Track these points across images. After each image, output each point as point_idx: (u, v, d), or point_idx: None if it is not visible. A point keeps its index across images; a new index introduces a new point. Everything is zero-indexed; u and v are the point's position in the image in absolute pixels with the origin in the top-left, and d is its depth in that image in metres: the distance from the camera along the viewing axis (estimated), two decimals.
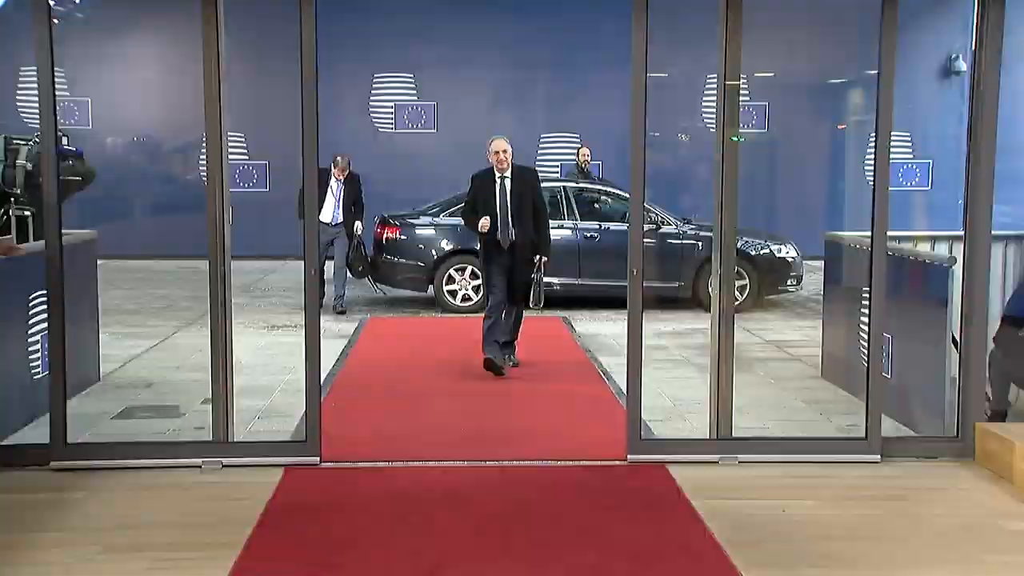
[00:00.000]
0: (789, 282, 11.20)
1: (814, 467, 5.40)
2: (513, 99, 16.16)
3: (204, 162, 5.54)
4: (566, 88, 16.14)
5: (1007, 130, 7.24)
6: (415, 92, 16.38)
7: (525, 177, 7.84)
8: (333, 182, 10.92)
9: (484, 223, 7.64)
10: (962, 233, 5.72)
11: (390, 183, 15.22)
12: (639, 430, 5.50)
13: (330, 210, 10.92)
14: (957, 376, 5.69)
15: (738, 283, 10.49)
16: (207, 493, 5.03)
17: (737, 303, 10.22)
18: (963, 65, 5.58)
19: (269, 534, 4.47)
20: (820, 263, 8.23)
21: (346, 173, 11.04)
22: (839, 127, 15.48)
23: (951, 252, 6.01)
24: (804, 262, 11.24)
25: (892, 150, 5.67)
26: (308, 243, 5.46)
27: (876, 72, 5.55)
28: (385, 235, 11.50)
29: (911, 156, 15.15)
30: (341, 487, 5.15)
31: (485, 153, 7.78)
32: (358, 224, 11.06)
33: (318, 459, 5.40)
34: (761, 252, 11.07)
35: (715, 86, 5.73)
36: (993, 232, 5.68)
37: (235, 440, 5.56)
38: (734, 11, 5.50)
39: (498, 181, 7.70)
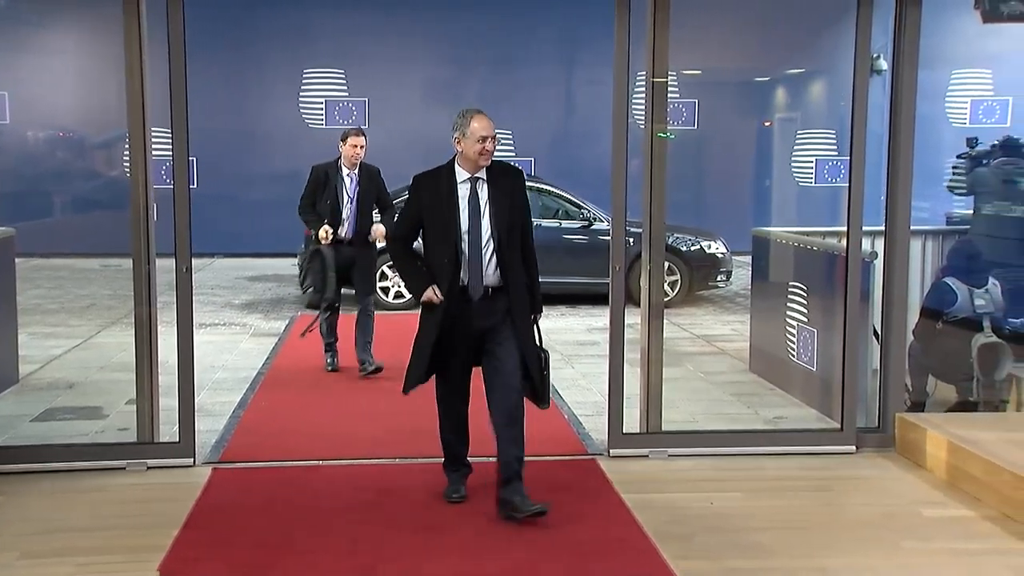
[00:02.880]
0: (718, 277, 11.36)
1: (743, 459, 5.49)
2: (447, 96, 16.09)
3: (128, 158, 5.41)
4: (500, 86, 16.13)
5: (927, 128, 7.43)
6: (346, 88, 16.22)
7: (510, 179, 4.62)
8: (344, 177, 7.36)
9: (430, 295, 4.54)
10: (883, 228, 5.86)
11: None
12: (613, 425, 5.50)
13: (346, 220, 7.32)
14: (879, 368, 5.84)
15: (669, 279, 10.64)
16: (131, 495, 4.93)
17: (668, 299, 10.44)
18: (884, 64, 5.71)
19: (196, 536, 4.40)
20: (748, 258, 8.36)
21: (358, 164, 7.37)
22: (765, 124, 15.73)
23: (873, 247, 6.14)
24: (733, 257, 11.41)
25: (819, 147, 5.79)
26: (179, 240, 5.33)
27: (801, 71, 5.64)
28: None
29: (837, 153, 15.50)
30: (270, 486, 5.08)
31: (454, 140, 4.55)
32: (377, 228, 7.41)
33: (192, 461, 5.32)
34: (691, 248, 11.21)
35: (643, 83, 5.77)
36: (912, 227, 5.84)
37: (160, 441, 5.46)
38: (661, 9, 5.55)
39: (465, 189, 4.53)
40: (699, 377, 7.73)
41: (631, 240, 5.65)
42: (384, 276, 11.20)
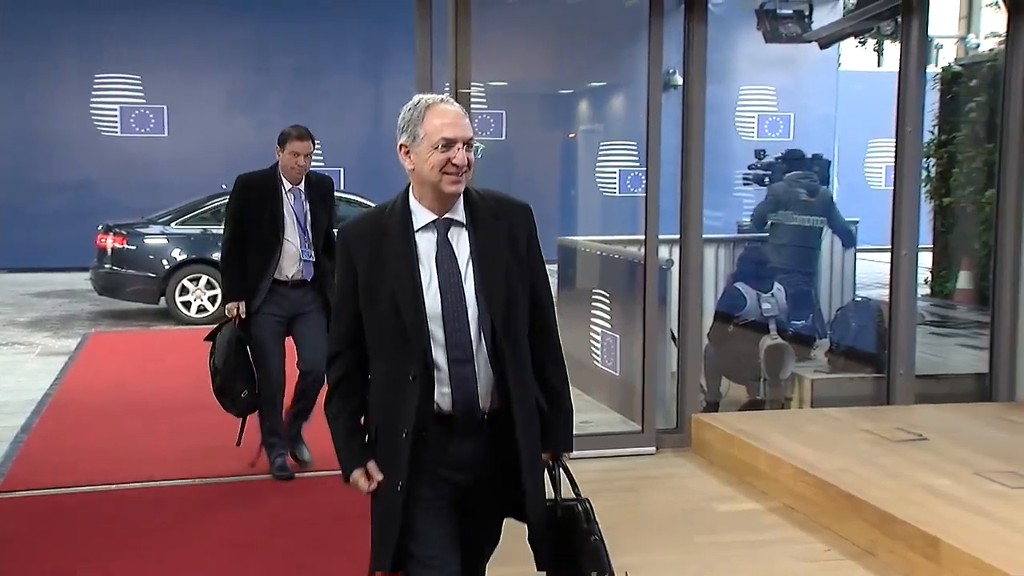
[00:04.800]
0: None
1: None
2: (250, 104, 15.68)
3: None
4: (306, 94, 15.84)
5: (718, 141, 7.83)
6: (142, 94, 15.52)
7: (508, 219, 2.64)
8: (285, 195, 5.16)
9: (360, 482, 2.63)
10: (678, 236, 6.11)
11: (116, 189, 14.37)
12: None
13: (293, 255, 5.16)
14: (676, 371, 6.08)
15: None
16: None
17: None
18: (679, 79, 5.99)
19: None
20: (554, 267, 8.54)
21: (304, 176, 5.21)
22: (569, 136, 16.15)
23: (670, 254, 6.40)
24: None
25: (621, 158, 5.99)
26: None
27: (603, 84, 5.82)
28: (110, 245, 10.82)
29: (638, 164, 16.09)
30: (54, 515, 4.77)
31: (400, 152, 2.58)
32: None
33: None
34: None
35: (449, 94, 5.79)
36: (705, 235, 6.12)
37: None
38: (463, 20, 5.59)
39: (428, 242, 2.56)
40: None
41: None
42: (185, 290, 10.79)
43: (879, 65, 9.94)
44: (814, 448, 5.21)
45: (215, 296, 10.80)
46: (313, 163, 5.30)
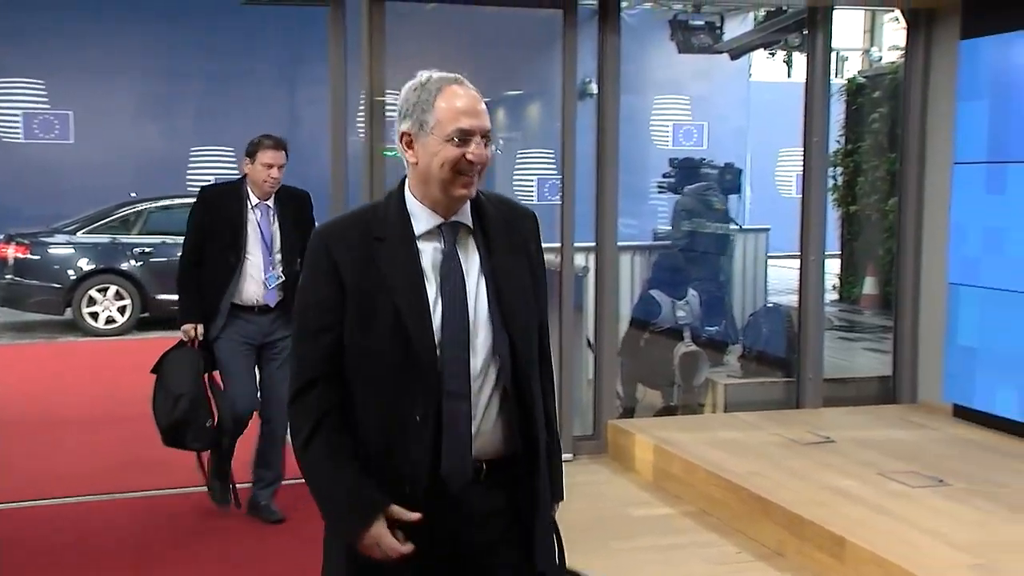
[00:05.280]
0: None
1: None
2: (159, 110, 15.34)
3: None
4: (219, 100, 15.57)
5: (634, 150, 7.93)
6: (46, 99, 15.07)
7: (518, 227, 2.20)
8: (252, 211, 4.64)
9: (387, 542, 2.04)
10: (594, 244, 6.17)
11: (19, 198, 13.89)
12: None
13: (256, 277, 4.61)
14: (592, 377, 6.12)
15: None
16: None
17: None
18: (595, 88, 6.07)
19: None
20: None
21: (276, 188, 4.67)
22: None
23: (587, 262, 6.45)
24: None
25: (539, 166, 6.03)
26: None
27: (520, 93, 5.84)
28: (12, 255, 10.49)
29: (556, 172, 16.19)
30: None
31: (401, 143, 2.12)
32: None
33: None
34: None
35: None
36: (621, 243, 6.19)
37: None
38: (376, 27, 5.56)
39: (433, 253, 2.10)
40: None
41: None
42: (92, 301, 10.51)
43: (789, 76, 10.17)
44: (726, 452, 5.30)
45: (124, 307, 10.56)
46: (225, 170, 5.19)
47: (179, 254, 4.77)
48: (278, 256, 4.62)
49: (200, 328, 4.58)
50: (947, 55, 6.15)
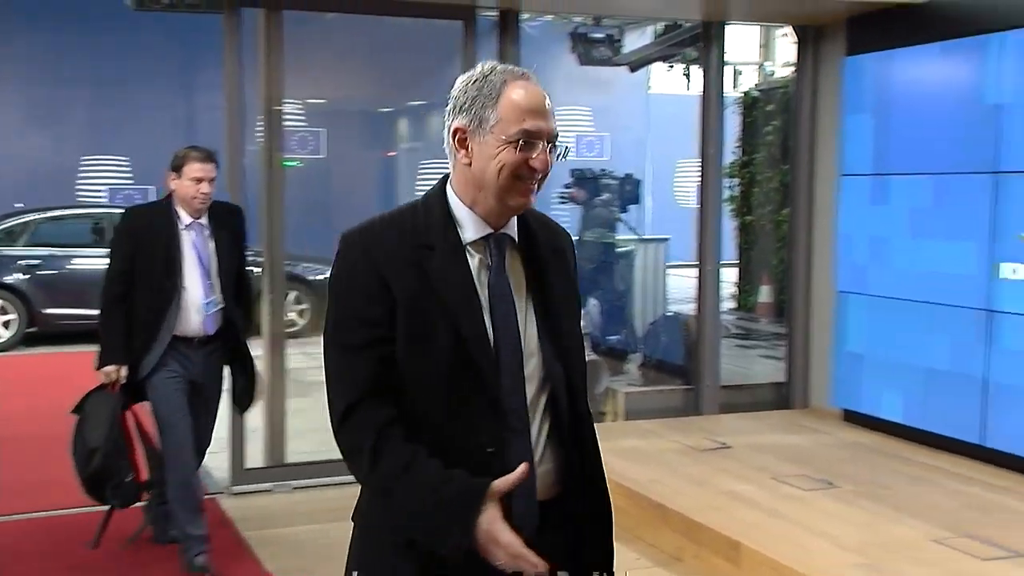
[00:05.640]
0: None
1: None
2: (48, 118, 14.84)
3: None
4: (113, 108, 15.14)
5: None
6: None
7: (555, 242, 2.00)
8: (183, 232, 4.20)
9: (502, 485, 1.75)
10: None
11: None
12: None
13: (195, 305, 4.20)
14: None
15: (298, 307, 10.56)
16: None
17: (297, 327, 10.34)
18: None
19: None
20: None
21: (207, 204, 4.22)
22: (389, 154, 16.12)
23: None
24: None
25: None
26: None
27: (423, 102, 5.83)
28: None
29: None
30: None
31: (452, 144, 1.89)
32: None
33: None
34: (318, 277, 11.20)
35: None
36: None
37: None
38: (274, 36, 5.49)
39: (479, 268, 1.87)
40: (327, 406, 7.69)
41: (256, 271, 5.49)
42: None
43: (688, 89, 10.38)
44: (627, 460, 5.36)
45: (9, 321, 10.17)
46: (117, 181, 5.02)
47: (68, 267, 4.55)
48: (216, 280, 4.20)
49: (124, 370, 4.12)
50: (834, 71, 6.37)
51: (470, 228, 1.85)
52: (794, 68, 6.89)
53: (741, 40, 11.03)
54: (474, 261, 1.84)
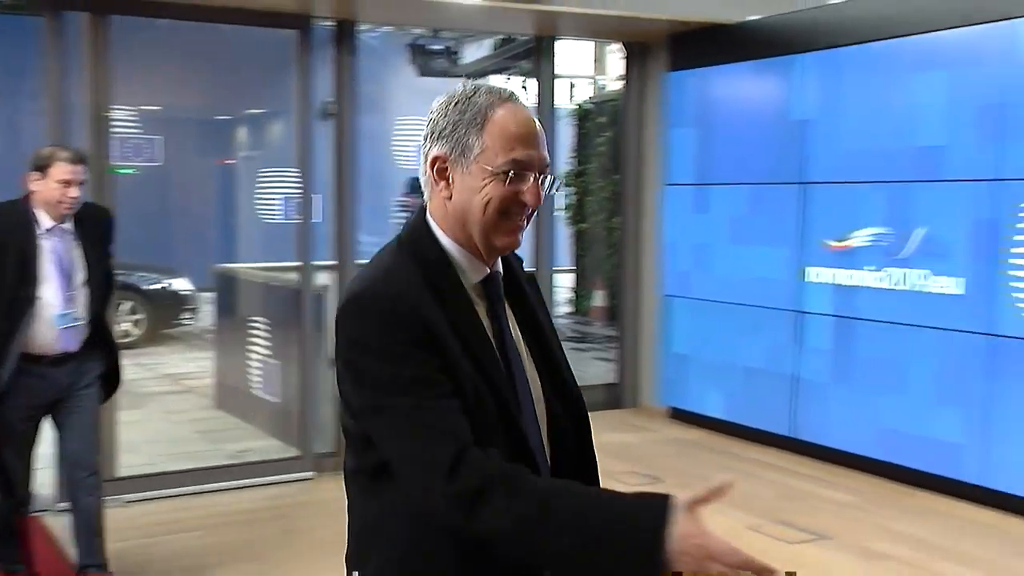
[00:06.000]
0: (184, 315, 11.19)
1: (206, 497, 5.47)
2: None
3: None
4: None
5: (379, 168, 8.06)
6: None
7: (531, 279, 1.86)
8: (44, 238, 3.76)
9: None
10: (336, 262, 6.23)
11: None
12: None
13: (50, 319, 3.75)
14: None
15: (132, 318, 10.28)
16: None
17: (131, 338, 10.05)
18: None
19: None
20: (212, 295, 8.35)
21: (76, 205, 3.79)
22: (227, 162, 15.81)
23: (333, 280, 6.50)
24: (199, 294, 11.30)
25: (285, 185, 6.03)
26: None
27: (263, 111, 5.82)
28: None
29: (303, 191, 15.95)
30: None
31: (430, 173, 1.68)
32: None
33: None
34: (153, 286, 10.92)
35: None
36: (362, 261, 6.27)
37: None
38: (101, 40, 5.38)
39: (481, 307, 1.68)
40: (163, 417, 7.54)
41: None
42: None
43: (527, 101, 10.67)
44: None
45: None
46: None
47: None
48: (80, 291, 3.79)
49: None
50: (658, 85, 6.71)
51: (469, 269, 1.67)
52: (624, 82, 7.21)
53: (576, 54, 11.38)
54: (480, 307, 1.67)
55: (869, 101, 5.45)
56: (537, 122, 1.64)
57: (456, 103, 1.64)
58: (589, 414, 1.80)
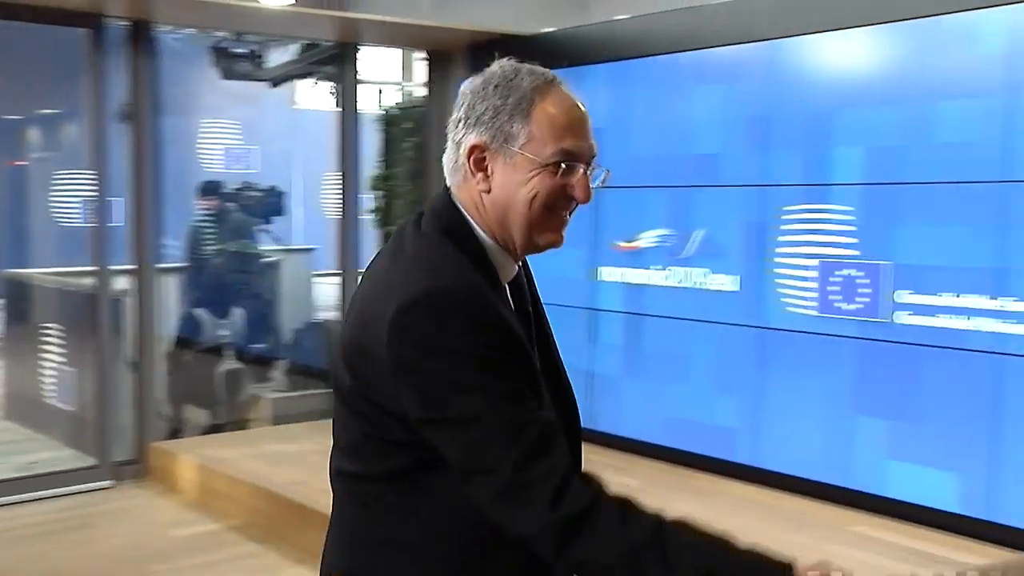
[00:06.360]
0: None
1: None
2: None
3: None
4: None
5: (182, 171, 7.88)
6: None
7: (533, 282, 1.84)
8: None
9: None
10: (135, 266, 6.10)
11: None
12: None
13: None
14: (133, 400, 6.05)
15: None
16: None
17: None
18: None
19: None
20: (2, 301, 7.98)
21: None
22: (15, 163, 15.00)
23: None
24: None
25: (84, 188, 5.88)
26: None
27: (58, 111, 5.65)
28: None
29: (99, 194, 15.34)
30: None
31: (466, 164, 1.55)
32: None
33: None
34: None
35: None
36: (165, 264, 6.18)
37: None
38: None
39: (523, 310, 1.69)
40: None
41: None
42: None
43: (337, 105, 10.67)
44: (271, 464, 5.52)
45: None
46: None
47: None
48: None
49: None
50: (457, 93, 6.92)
51: (504, 266, 1.55)
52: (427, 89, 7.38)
53: (385, 60, 11.50)
54: (520, 307, 1.58)
55: (654, 111, 5.82)
56: (584, 107, 1.52)
57: (496, 86, 1.50)
58: None
